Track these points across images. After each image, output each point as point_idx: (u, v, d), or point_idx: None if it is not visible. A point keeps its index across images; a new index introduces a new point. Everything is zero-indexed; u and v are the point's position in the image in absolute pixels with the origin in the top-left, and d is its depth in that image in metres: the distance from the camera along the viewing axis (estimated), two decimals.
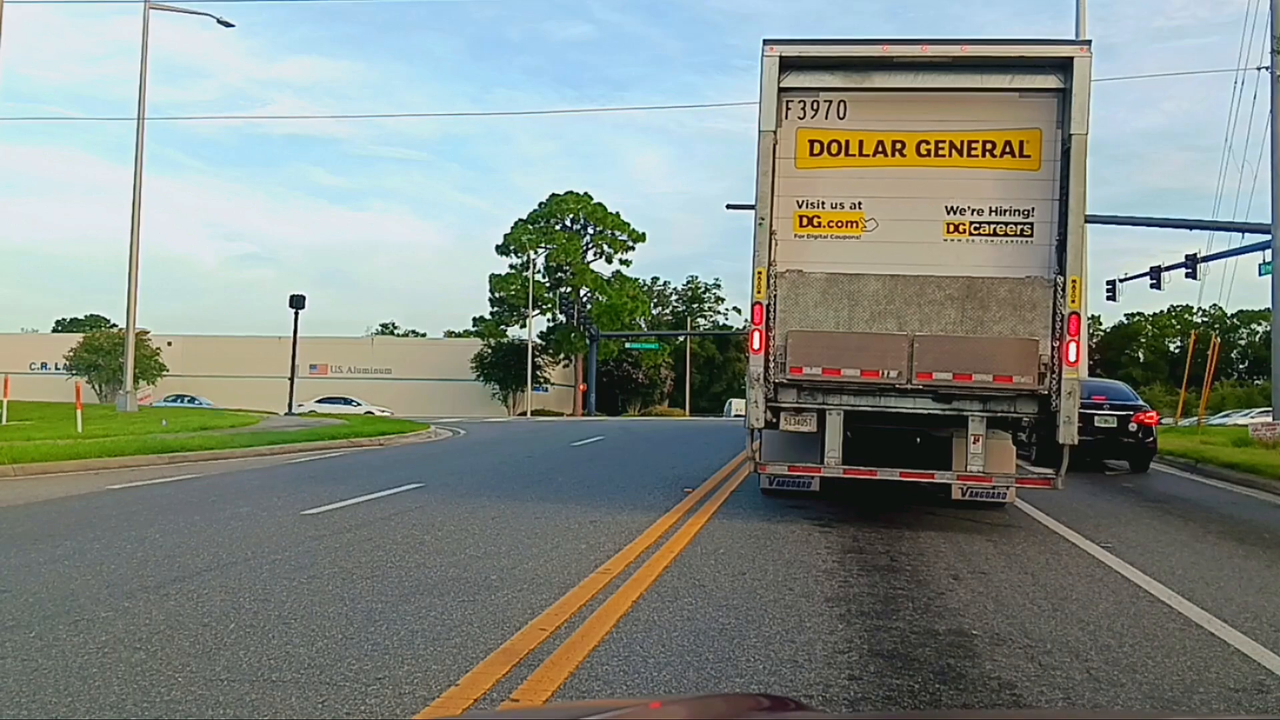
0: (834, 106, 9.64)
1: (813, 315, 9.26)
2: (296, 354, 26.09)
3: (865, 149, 9.56)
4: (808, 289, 9.32)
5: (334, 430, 17.57)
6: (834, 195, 9.51)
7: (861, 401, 9.25)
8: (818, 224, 9.54)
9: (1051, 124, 9.25)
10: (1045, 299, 9.05)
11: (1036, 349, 8.98)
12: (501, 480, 12.12)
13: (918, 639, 4.97)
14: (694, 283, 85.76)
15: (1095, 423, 18.24)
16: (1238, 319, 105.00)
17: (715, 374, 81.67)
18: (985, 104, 9.45)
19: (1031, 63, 9.31)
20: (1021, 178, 9.32)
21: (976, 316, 9.11)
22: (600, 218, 63.03)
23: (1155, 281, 31.97)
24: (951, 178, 9.40)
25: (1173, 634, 5.28)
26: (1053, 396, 8.89)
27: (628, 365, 68.06)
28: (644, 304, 68.55)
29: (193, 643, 4.56)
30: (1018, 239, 9.30)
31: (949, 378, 9.02)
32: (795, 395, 9.33)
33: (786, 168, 9.51)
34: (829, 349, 9.23)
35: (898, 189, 9.44)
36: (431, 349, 74.94)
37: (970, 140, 9.44)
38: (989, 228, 9.35)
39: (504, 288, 61.87)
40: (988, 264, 9.27)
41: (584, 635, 4.76)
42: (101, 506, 9.60)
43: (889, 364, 9.09)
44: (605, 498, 10.30)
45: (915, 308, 9.17)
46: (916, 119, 9.49)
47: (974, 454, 9.06)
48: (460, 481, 11.98)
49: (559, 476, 12.57)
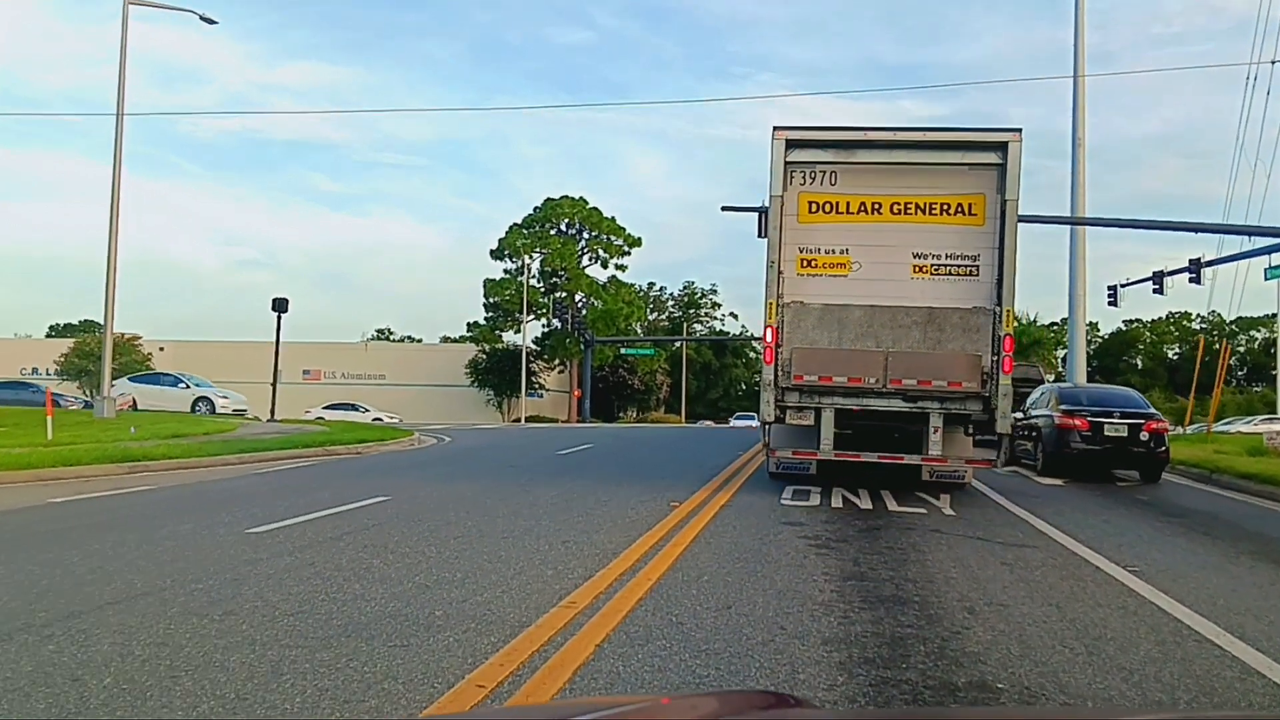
0: (827, 176, 12.16)
1: (811, 335, 11.92)
2: (280, 359, 25.18)
3: (851, 208, 12.13)
4: (808, 315, 11.97)
5: (310, 438, 16.69)
6: (827, 244, 12.13)
7: (849, 401, 11.92)
8: (815, 265, 12.15)
9: (993, 190, 11.83)
10: (987, 324, 11.74)
11: (980, 362, 11.67)
12: (474, 493, 11.25)
13: (933, 694, 4.16)
14: (691, 288, 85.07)
15: (1105, 431, 17.42)
16: (1236, 325, 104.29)
17: (712, 380, 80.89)
18: (943, 175, 12.03)
19: (977, 145, 11.99)
20: (970, 231, 11.93)
21: (935, 337, 11.79)
22: (596, 222, 62.33)
23: (1158, 286, 31.19)
24: (917, 231, 11.99)
25: (1232, 684, 4.47)
26: (993, 398, 11.59)
27: (623, 371, 67.30)
28: (640, 309, 67.82)
29: (50, 704, 3.73)
30: (967, 278, 11.91)
31: (914, 383, 11.74)
32: (798, 397, 11.98)
33: (791, 223, 12.10)
34: (824, 361, 11.86)
35: (876, 239, 12.04)
36: (426, 354, 74.12)
37: (931, 202, 12.00)
38: (945, 269, 11.99)
39: (498, 292, 61.13)
40: (944, 297, 11.89)
41: (529, 694, 3.94)
42: (31, 523, 8.77)
43: (869, 373, 11.76)
44: (583, 513, 9.49)
45: (889, 330, 11.83)
46: (891, 186, 12.07)
47: (934, 441, 11.77)
48: (430, 494, 11.13)
49: (537, 489, 11.70)
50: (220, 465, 14.42)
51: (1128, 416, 17.53)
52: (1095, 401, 18.62)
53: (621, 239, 62.99)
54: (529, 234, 61.49)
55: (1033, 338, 50.06)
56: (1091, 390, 21.21)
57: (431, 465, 15.86)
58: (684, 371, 71.95)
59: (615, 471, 14.35)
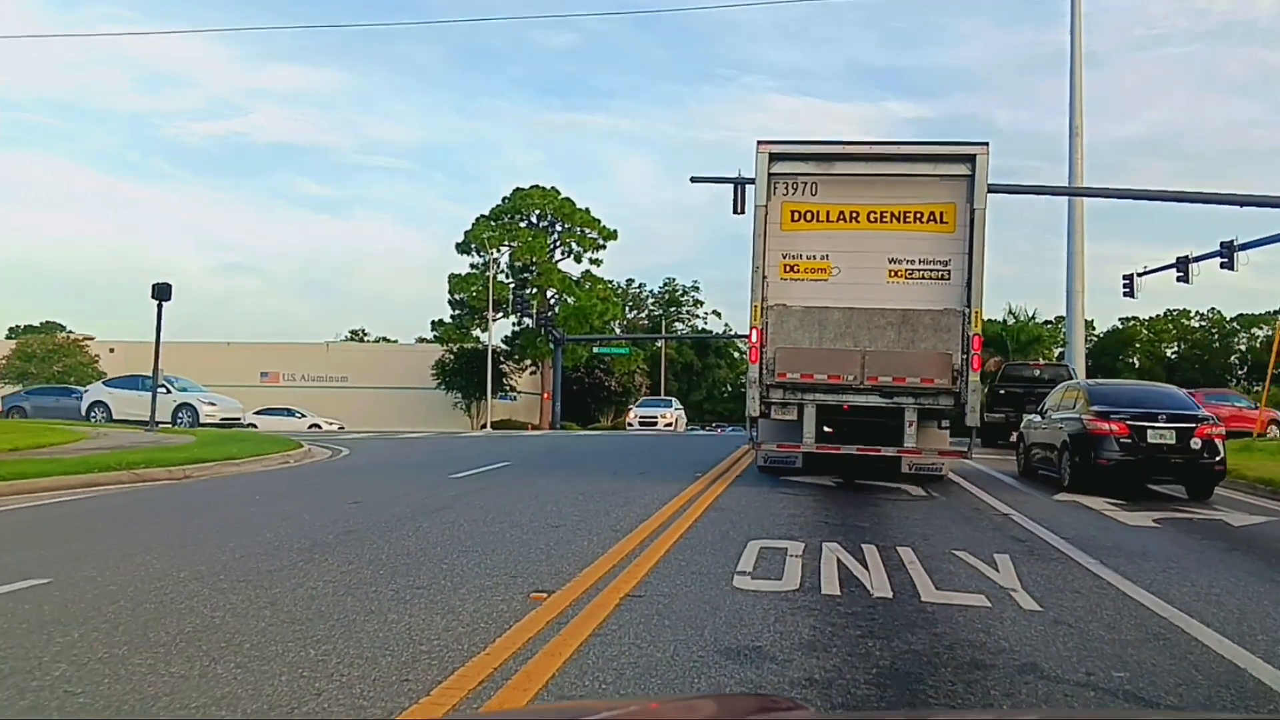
0: (808, 186, 12.87)
1: (794, 336, 12.64)
2: (161, 358, 21.52)
3: (831, 217, 12.87)
4: (790, 317, 12.70)
5: (118, 458, 12.76)
6: (809, 250, 12.87)
7: (829, 397, 12.66)
8: (797, 270, 12.88)
9: (963, 199, 12.59)
10: (957, 324, 12.48)
11: (951, 360, 12.43)
12: (247, 556, 7.27)
13: None
14: (671, 285, 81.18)
15: (1148, 438, 14.04)
16: (1237, 323, 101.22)
17: (694, 381, 77.08)
18: (916, 185, 12.77)
19: (948, 157, 12.75)
20: (942, 238, 12.64)
21: (909, 337, 12.48)
22: (568, 214, 58.55)
23: (1183, 274, 27.75)
24: (892, 238, 12.72)
25: None
26: (963, 393, 12.39)
27: (600, 372, 63.62)
28: (616, 306, 64.03)
29: None
30: (938, 281, 12.61)
31: (890, 380, 12.47)
32: (782, 393, 12.74)
33: (774, 230, 12.85)
34: (806, 360, 12.58)
35: (854, 245, 12.80)
36: (392, 355, 70.26)
37: (905, 211, 12.72)
38: (919, 273, 12.69)
39: (464, 289, 57.22)
40: (917, 300, 12.58)
41: None
42: None
43: (848, 370, 12.48)
44: (398, 602, 5.89)
45: (866, 331, 12.52)
46: (867, 195, 12.83)
47: (909, 434, 12.54)
48: (167, 565, 6.96)
49: (315, 567, 6.84)
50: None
51: (1175, 420, 14.17)
52: (1133, 401, 15.32)
53: (596, 231, 59.13)
54: (496, 226, 57.52)
55: (1031, 335, 46.55)
56: (1127, 388, 17.81)
57: (226, 505, 10.92)
58: (663, 372, 68.08)
59: (514, 507, 10.33)
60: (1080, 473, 14.30)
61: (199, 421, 28.71)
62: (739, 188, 23.29)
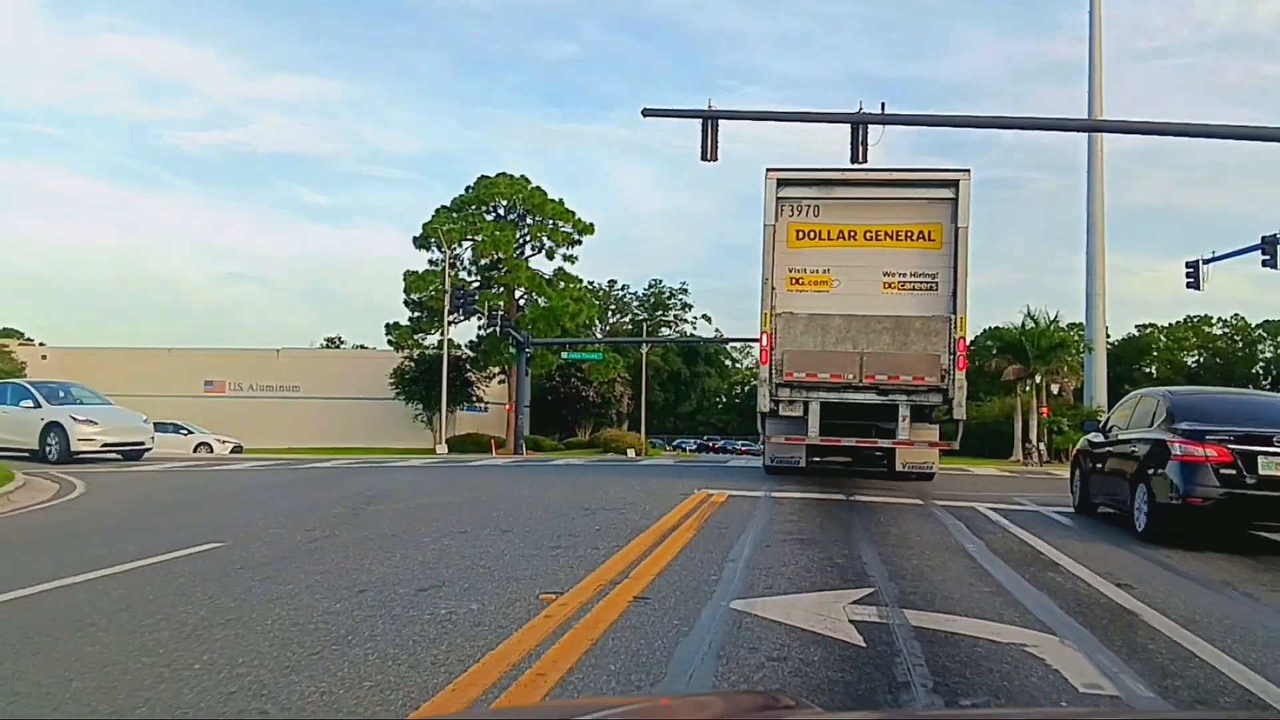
0: (812, 208, 15.06)
1: (799, 340, 14.73)
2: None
3: (831, 235, 15.08)
4: (796, 324, 14.82)
5: None
6: (812, 265, 15.06)
7: (831, 395, 14.60)
8: (802, 283, 15.06)
9: (948, 220, 14.72)
10: (944, 329, 14.54)
11: (939, 361, 14.41)
12: None
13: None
14: (657, 287, 74.67)
15: (1258, 468, 9.58)
16: (1264, 330, 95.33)
17: (682, 392, 71.00)
18: (907, 207, 15.05)
19: (934, 183, 15.11)
20: (930, 254, 14.80)
21: (902, 340, 14.52)
22: (538, 204, 52.96)
23: (1269, 257, 22.21)
24: (886, 254, 14.89)
25: None
26: (950, 389, 14.32)
27: (577, 381, 58.04)
28: (591, 308, 58.28)
29: None
30: (927, 291, 14.76)
31: (885, 379, 14.49)
32: (789, 392, 14.74)
33: (781, 248, 15.04)
34: (810, 361, 14.59)
35: (852, 261, 14.94)
36: (347, 362, 64.87)
37: (898, 230, 14.94)
38: (910, 285, 14.85)
39: (421, 288, 51.53)
40: (909, 308, 14.74)
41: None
42: None
43: (847, 371, 14.47)
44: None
45: (863, 335, 14.56)
46: (864, 216, 15.06)
47: (902, 428, 14.43)
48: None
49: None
50: None
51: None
52: (1233, 416, 10.44)
53: (570, 225, 53.45)
54: (459, 218, 51.87)
55: (1053, 341, 40.71)
56: (1221, 398, 12.62)
57: None
58: (644, 381, 61.97)
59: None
60: (1162, 515, 9.98)
61: (69, 449, 19.72)
62: (707, 126, 18.34)
